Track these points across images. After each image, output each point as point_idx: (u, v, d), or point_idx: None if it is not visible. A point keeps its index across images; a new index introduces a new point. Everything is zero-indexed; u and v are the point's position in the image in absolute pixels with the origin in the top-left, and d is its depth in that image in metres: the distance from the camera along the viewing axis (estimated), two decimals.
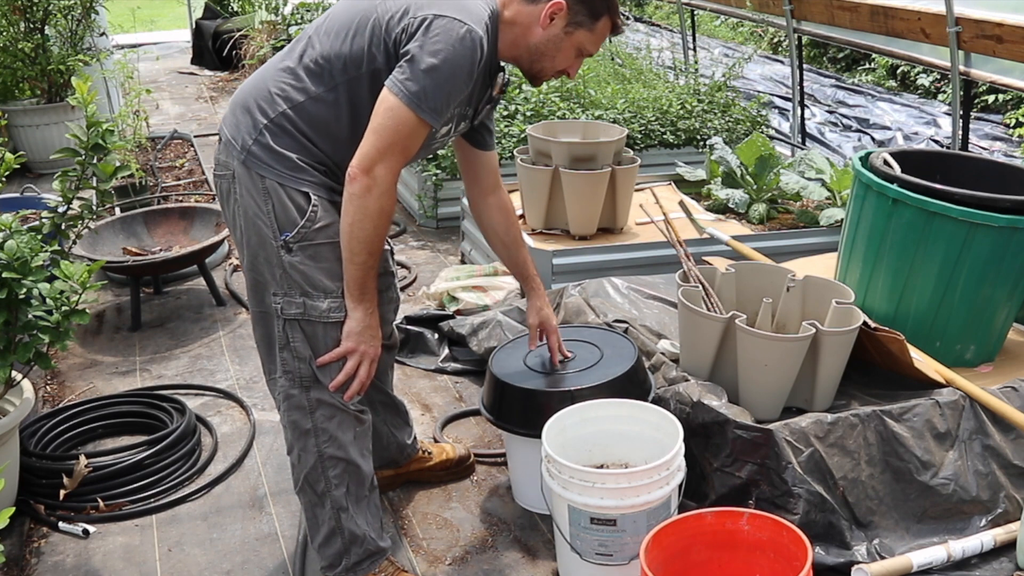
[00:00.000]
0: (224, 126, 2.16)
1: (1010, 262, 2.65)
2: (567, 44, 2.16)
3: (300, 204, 2.08)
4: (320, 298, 2.11)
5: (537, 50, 2.16)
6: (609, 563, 2.24)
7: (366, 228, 2.02)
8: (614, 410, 2.47)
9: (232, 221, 2.18)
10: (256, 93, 2.12)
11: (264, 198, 2.08)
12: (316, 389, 2.17)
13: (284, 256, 2.09)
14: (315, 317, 2.12)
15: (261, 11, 8.58)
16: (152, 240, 4.31)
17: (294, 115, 2.08)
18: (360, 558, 2.29)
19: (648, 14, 12.96)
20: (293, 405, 2.19)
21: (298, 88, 2.08)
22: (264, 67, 2.20)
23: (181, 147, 6.68)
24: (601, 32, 2.19)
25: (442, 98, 1.97)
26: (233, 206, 2.15)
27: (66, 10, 5.79)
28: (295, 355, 2.15)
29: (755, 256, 3.41)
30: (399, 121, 1.96)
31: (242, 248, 2.17)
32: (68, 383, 3.54)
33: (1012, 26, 4.13)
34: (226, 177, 2.14)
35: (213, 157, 2.23)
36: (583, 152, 3.87)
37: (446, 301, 3.89)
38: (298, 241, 2.08)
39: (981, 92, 7.73)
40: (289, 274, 2.10)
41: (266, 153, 2.08)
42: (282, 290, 2.11)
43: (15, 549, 2.61)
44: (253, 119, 2.10)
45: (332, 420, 2.19)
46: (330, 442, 2.20)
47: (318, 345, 2.14)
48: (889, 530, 2.44)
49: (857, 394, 2.67)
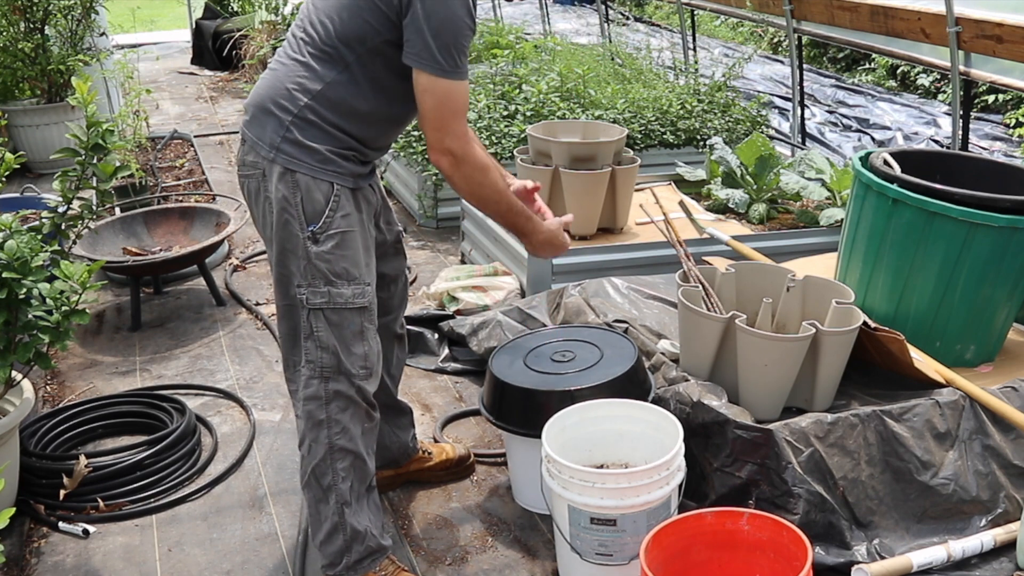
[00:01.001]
0: (246, 129, 2.20)
1: (1010, 262, 2.65)
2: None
3: (326, 194, 2.15)
4: (344, 285, 2.18)
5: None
6: (609, 563, 2.24)
7: (478, 189, 2.21)
8: (614, 410, 2.47)
9: (262, 219, 2.23)
10: (273, 92, 2.16)
11: (293, 191, 2.13)
12: (334, 380, 2.21)
13: (310, 247, 2.14)
14: (340, 304, 2.18)
15: (261, 11, 8.57)
16: (152, 240, 4.31)
17: (316, 105, 2.13)
18: (361, 556, 2.30)
19: (648, 14, 12.95)
20: (310, 395, 2.23)
21: (313, 78, 2.13)
22: (272, 67, 2.23)
23: (181, 147, 6.68)
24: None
25: (460, 52, 2.07)
26: (263, 204, 2.20)
27: (66, 10, 5.79)
28: (318, 344, 2.19)
29: (755, 256, 3.41)
30: (439, 96, 2.07)
31: (271, 244, 2.23)
32: (68, 383, 3.54)
33: (1012, 26, 4.13)
34: (255, 176, 2.19)
35: (236, 160, 2.28)
36: (583, 152, 3.87)
37: (446, 301, 3.89)
38: (324, 231, 2.15)
39: (981, 92, 7.72)
40: (314, 264, 2.15)
41: (296, 148, 2.13)
42: (306, 281, 2.17)
43: (15, 549, 2.61)
44: (277, 118, 2.14)
45: (345, 412, 2.24)
46: (342, 434, 2.24)
47: (343, 332, 2.20)
48: (889, 530, 2.44)
49: (857, 394, 2.68)
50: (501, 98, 5.48)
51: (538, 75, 5.84)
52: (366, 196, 2.27)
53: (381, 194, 2.43)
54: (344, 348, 2.20)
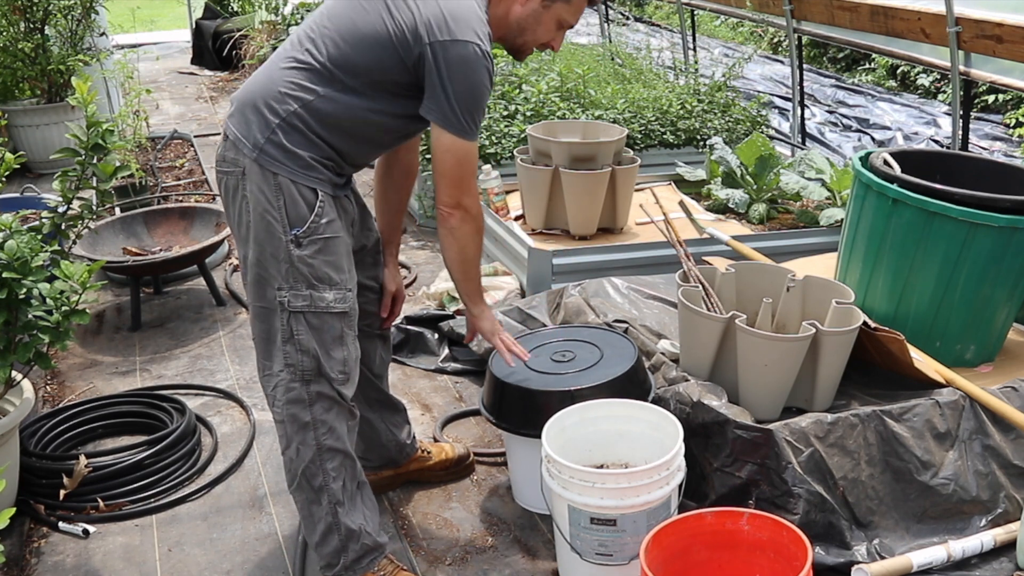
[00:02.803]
0: (231, 124, 2.18)
1: (1010, 262, 2.65)
2: (547, 17, 2.27)
3: (309, 200, 2.14)
4: (325, 289, 2.17)
5: (519, 25, 2.27)
6: (609, 563, 2.24)
7: (470, 249, 2.30)
8: (614, 410, 2.47)
9: (237, 218, 2.20)
10: (265, 92, 2.15)
11: (276, 193, 2.12)
12: (316, 383, 2.20)
13: (293, 250, 2.13)
14: (321, 308, 2.17)
15: (261, 11, 8.57)
16: (152, 240, 4.31)
17: (305, 113, 2.12)
18: (358, 555, 2.30)
19: (648, 14, 12.95)
20: (292, 399, 2.21)
21: (308, 88, 2.13)
22: (268, 66, 2.22)
23: (181, 147, 6.68)
24: (579, 4, 2.29)
25: (479, 115, 2.17)
26: (240, 203, 2.17)
27: (66, 10, 5.79)
28: (298, 348, 2.18)
29: (755, 256, 3.41)
30: (458, 155, 2.16)
31: (246, 244, 2.20)
32: (68, 383, 3.54)
33: (1012, 26, 4.13)
34: (234, 174, 2.17)
35: (216, 155, 2.25)
36: (583, 152, 3.87)
37: (446, 301, 3.89)
38: (308, 235, 2.14)
39: (981, 92, 7.72)
40: (296, 267, 2.14)
41: (279, 151, 2.12)
42: (288, 284, 2.15)
43: (15, 549, 2.61)
44: (264, 118, 2.13)
45: (330, 412, 2.23)
46: (329, 433, 2.23)
47: (323, 336, 2.19)
48: (889, 530, 2.44)
49: (857, 394, 2.67)
50: (501, 98, 5.47)
51: (538, 75, 5.84)
52: (343, 205, 2.27)
53: (359, 202, 2.42)
54: (324, 352, 2.19)
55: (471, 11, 2.12)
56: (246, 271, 2.23)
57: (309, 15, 2.32)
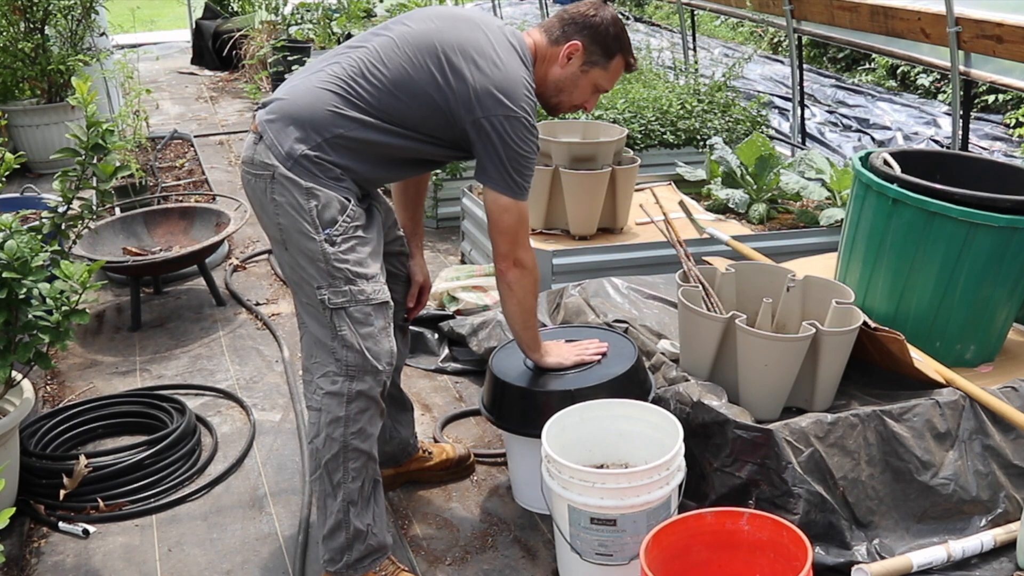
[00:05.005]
0: (268, 129, 2.21)
1: (1010, 262, 2.65)
2: (584, 81, 2.40)
3: (341, 204, 2.21)
4: (363, 282, 2.22)
5: (556, 86, 2.40)
6: (609, 563, 2.24)
7: (529, 301, 2.41)
8: (614, 410, 2.47)
9: (270, 219, 2.25)
10: (311, 111, 2.20)
11: (307, 198, 2.18)
12: (359, 380, 2.23)
13: (328, 249, 2.19)
14: (362, 301, 2.22)
15: (261, 11, 8.57)
16: (152, 240, 4.31)
17: (344, 140, 2.22)
18: (362, 555, 2.31)
19: (648, 14, 12.96)
20: (333, 392, 2.24)
21: (350, 117, 2.21)
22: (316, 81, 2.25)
23: (181, 147, 6.68)
24: (615, 70, 2.42)
25: (530, 176, 2.30)
26: (270, 207, 2.22)
27: (66, 10, 5.79)
28: (343, 344, 2.22)
29: (755, 256, 3.41)
30: (515, 215, 2.29)
31: (282, 247, 2.26)
32: (68, 383, 3.54)
33: (1012, 26, 4.13)
34: (263, 177, 2.21)
35: (243, 155, 2.28)
36: (583, 152, 3.87)
37: (446, 301, 3.89)
38: (341, 235, 2.20)
39: (981, 92, 7.72)
40: (333, 264, 2.19)
41: (314, 165, 2.19)
42: (327, 281, 2.20)
43: (15, 549, 2.61)
44: (306, 133, 2.19)
45: (365, 413, 2.26)
46: (358, 435, 2.26)
47: (366, 330, 2.23)
48: (889, 530, 2.44)
49: (857, 394, 2.67)
50: None
51: None
52: (370, 210, 2.35)
53: (383, 204, 2.49)
54: (368, 345, 2.22)
55: (519, 82, 2.22)
56: (285, 271, 2.31)
57: (358, 37, 2.36)
